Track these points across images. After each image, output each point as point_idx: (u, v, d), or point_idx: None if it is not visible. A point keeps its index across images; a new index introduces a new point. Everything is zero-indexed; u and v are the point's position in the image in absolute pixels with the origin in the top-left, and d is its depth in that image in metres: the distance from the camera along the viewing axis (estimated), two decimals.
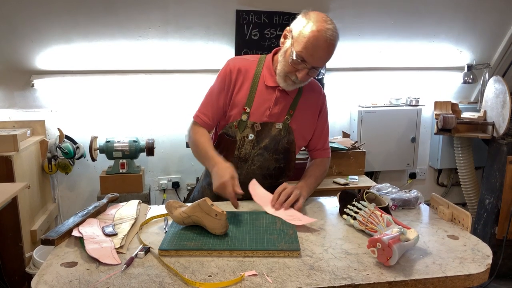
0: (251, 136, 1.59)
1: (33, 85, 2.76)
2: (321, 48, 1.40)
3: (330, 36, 1.40)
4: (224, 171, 1.44)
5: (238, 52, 2.83)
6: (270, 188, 1.57)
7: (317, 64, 1.45)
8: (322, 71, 1.49)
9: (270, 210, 1.46)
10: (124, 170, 2.78)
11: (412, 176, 3.52)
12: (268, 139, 1.60)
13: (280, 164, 1.66)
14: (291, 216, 1.41)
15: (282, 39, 1.53)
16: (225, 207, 1.49)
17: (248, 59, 1.63)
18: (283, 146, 1.63)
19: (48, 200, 2.93)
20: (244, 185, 1.62)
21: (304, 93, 1.64)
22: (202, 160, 1.59)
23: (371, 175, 3.31)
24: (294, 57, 1.43)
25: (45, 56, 2.77)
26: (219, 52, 2.90)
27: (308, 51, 1.41)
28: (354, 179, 2.81)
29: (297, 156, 2.84)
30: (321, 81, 3.02)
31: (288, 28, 1.50)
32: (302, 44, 1.41)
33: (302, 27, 1.42)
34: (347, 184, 2.75)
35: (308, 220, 1.39)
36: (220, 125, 1.68)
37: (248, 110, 1.57)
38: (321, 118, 1.71)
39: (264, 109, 1.58)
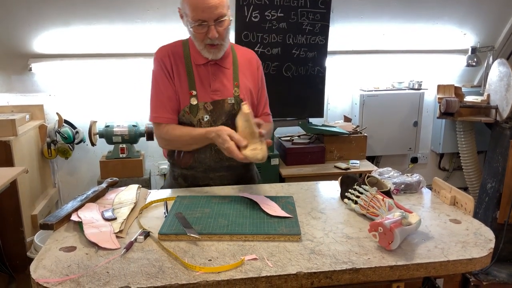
0: (206, 118, 1.56)
1: (30, 69, 2.73)
2: None
3: None
4: (222, 136, 1.40)
5: (238, 35, 2.78)
6: (239, 167, 1.64)
7: (216, 16, 1.42)
8: (227, 18, 1.46)
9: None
10: (124, 155, 2.76)
11: (414, 160, 3.51)
12: (224, 116, 1.58)
13: None
14: (268, 205, 1.37)
15: (182, 21, 1.53)
16: (229, 191, 1.47)
17: (172, 44, 1.61)
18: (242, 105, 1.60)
19: (49, 185, 2.93)
20: (210, 169, 1.63)
21: (241, 65, 1.62)
22: (198, 143, 1.54)
23: (372, 159, 3.29)
24: (193, 24, 1.43)
25: (43, 40, 2.73)
26: None
27: (198, 10, 1.40)
28: (355, 163, 2.80)
29: (294, 141, 2.85)
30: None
31: (178, 8, 1.51)
32: (191, 9, 1.41)
33: None
34: (348, 168, 2.74)
35: (283, 214, 1.32)
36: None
37: (194, 93, 1.55)
38: (260, 87, 1.69)
39: (207, 87, 1.56)
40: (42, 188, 2.77)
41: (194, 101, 1.55)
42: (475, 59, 3.11)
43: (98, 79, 2.88)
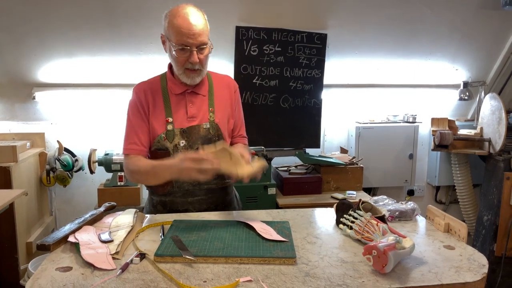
0: (182, 143, 1.61)
1: (34, 98, 2.79)
2: (191, 25, 1.48)
3: (190, 11, 1.50)
4: (180, 161, 1.39)
5: (237, 67, 2.87)
6: (217, 190, 1.67)
7: (198, 42, 1.50)
8: (209, 45, 1.56)
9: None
10: (122, 183, 2.78)
11: (410, 193, 3.52)
12: (200, 141, 1.62)
13: None
14: (264, 229, 1.38)
15: (163, 47, 1.62)
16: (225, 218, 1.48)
17: (150, 80, 1.70)
18: (215, 143, 1.62)
19: (45, 213, 2.92)
20: (189, 193, 1.65)
21: (216, 90, 1.69)
22: (157, 176, 1.51)
23: (369, 191, 3.30)
24: (176, 48, 1.51)
25: (47, 69, 2.81)
26: (219, 67, 2.94)
27: (183, 36, 1.48)
28: (352, 194, 2.82)
29: (291, 171, 2.87)
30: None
31: (161, 34, 1.60)
32: (175, 34, 1.50)
33: (167, 24, 1.53)
34: (345, 199, 2.74)
35: (279, 237, 1.33)
36: (149, 145, 1.67)
37: (170, 120, 1.61)
38: (237, 109, 1.76)
39: (183, 114, 1.63)
40: (38, 216, 2.77)
41: (170, 127, 1.61)
42: (467, 93, 3.20)
43: (100, 109, 2.94)
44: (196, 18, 1.50)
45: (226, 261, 1.18)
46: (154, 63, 2.90)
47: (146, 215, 1.57)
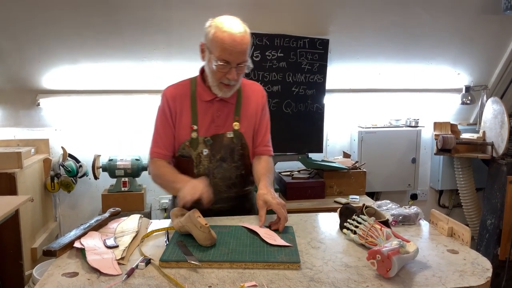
0: (205, 152, 1.63)
1: (38, 104, 2.82)
2: (236, 43, 1.47)
3: (238, 30, 1.49)
4: (199, 183, 1.48)
5: None
6: (237, 198, 1.69)
7: (239, 60, 1.50)
8: (248, 64, 1.55)
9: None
10: (126, 189, 2.79)
11: (413, 197, 3.52)
12: (223, 150, 1.64)
13: (241, 171, 1.69)
14: (268, 235, 1.39)
15: (201, 55, 1.59)
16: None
17: (180, 84, 1.70)
18: (239, 152, 1.67)
19: (50, 219, 2.93)
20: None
21: (244, 98, 1.69)
22: (170, 185, 1.59)
23: (372, 195, 3.30)
24: (218, 63, 1.50)
25: (52, 76, 2.84)
26: None
27: (226, 52, 1.47)
28: (355, 198, 2.82)
29: (294, 176, 2.88)
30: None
31: (201, 42, 1.57)
32: (218, 49, 1.48)
33: (211, 35, 1.50)
34: (348, 204, 2.75)
35: (283, 243, 1.34)
36: (174, 150, 1.71)
37: (195, 127, 1.63)
38: (262, 115, 1.73)
39: (209, 122, 1.64)
40: (43, 221, 2.78)
41: (194, 135, 1.62)
42: (469, 98, 3.20)
43: (103, 115, 2.96)
44: (242, 36, 1.48)
45: (231, 266, 1.19)
46: (157, 69, 2.92)
47: (151, 221, 1.58)
